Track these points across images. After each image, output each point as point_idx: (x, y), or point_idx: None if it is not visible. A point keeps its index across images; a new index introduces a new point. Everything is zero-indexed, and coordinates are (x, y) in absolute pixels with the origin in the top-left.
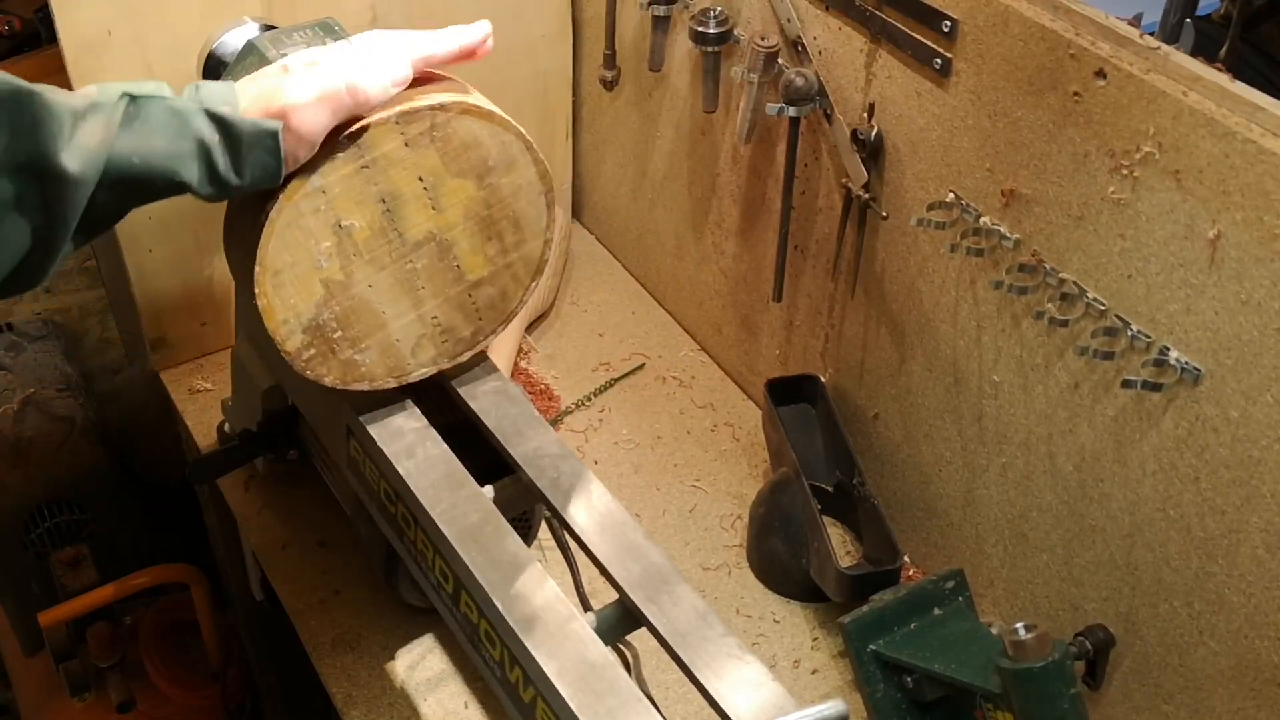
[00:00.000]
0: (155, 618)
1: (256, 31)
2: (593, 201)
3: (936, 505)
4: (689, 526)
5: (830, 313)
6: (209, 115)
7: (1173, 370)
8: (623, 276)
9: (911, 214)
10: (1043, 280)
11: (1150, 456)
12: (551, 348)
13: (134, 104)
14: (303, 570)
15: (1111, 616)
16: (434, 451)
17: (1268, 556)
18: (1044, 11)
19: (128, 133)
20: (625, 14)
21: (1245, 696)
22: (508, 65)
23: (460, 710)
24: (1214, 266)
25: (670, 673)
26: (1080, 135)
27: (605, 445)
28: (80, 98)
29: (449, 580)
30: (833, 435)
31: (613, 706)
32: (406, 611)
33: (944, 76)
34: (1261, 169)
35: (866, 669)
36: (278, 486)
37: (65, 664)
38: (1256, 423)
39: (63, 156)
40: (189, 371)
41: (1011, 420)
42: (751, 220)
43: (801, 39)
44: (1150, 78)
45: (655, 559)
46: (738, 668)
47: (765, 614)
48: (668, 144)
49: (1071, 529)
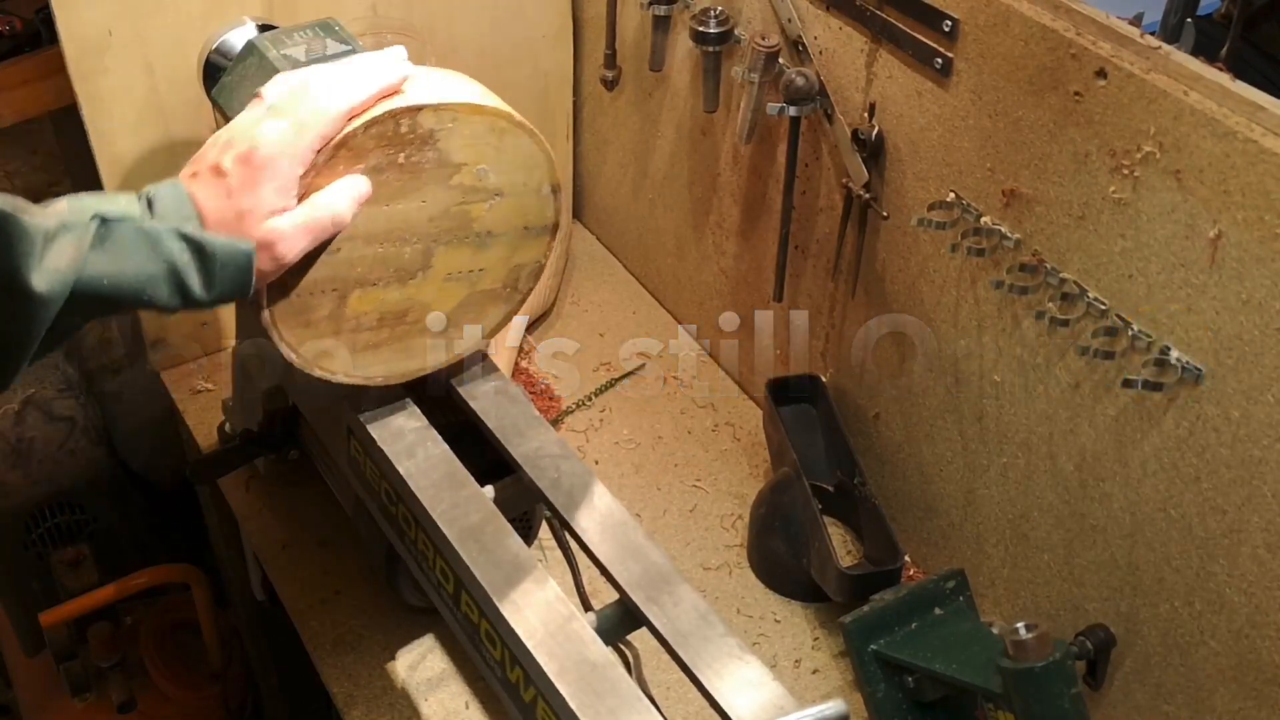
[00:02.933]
0: (156, 618)
1: (256, 31)
2: (594, 201)
3: (937, 505)
4: (690, 526)
5: (831, 312)
6: (181, 236)
7: (1173, 370)
8: (624, 276)
9: (912, 214)
10: (1043, 280)
11: (1151, 456)
12: (552, 348)
13: (104, 226)
14: (304, 570)
15: (1112, 616)
16: (435, 451)
17: (1269, 556)
18: (1045, 11)
19: (98, 255)
20: (626, 14)
21: (1246, 696)
22: (508, 65)
23: (461, 710)
24: (1215, 266)
25: (671, 673)
26: (1081, 135)
27: (606, 445)
28: (52, 217)
29: (450, 580)
30: (833, 435)
31: (613, 706)
32: (407, 611)
33: (945, 76)
34: (1262, 169)
35: (867, 669)
36: (279, 486)
37: (66, 664)
38: (1257, 422)
39: (32, 277)
40: (190, 371)
41: (1012, 420)
42: (752, 220)
43: (802, 39)
44: (1151, 77)
45: (656, 559)
46: (738, 668)
47: (766, 614)
48: (668, 144)
49: (1072, 529)
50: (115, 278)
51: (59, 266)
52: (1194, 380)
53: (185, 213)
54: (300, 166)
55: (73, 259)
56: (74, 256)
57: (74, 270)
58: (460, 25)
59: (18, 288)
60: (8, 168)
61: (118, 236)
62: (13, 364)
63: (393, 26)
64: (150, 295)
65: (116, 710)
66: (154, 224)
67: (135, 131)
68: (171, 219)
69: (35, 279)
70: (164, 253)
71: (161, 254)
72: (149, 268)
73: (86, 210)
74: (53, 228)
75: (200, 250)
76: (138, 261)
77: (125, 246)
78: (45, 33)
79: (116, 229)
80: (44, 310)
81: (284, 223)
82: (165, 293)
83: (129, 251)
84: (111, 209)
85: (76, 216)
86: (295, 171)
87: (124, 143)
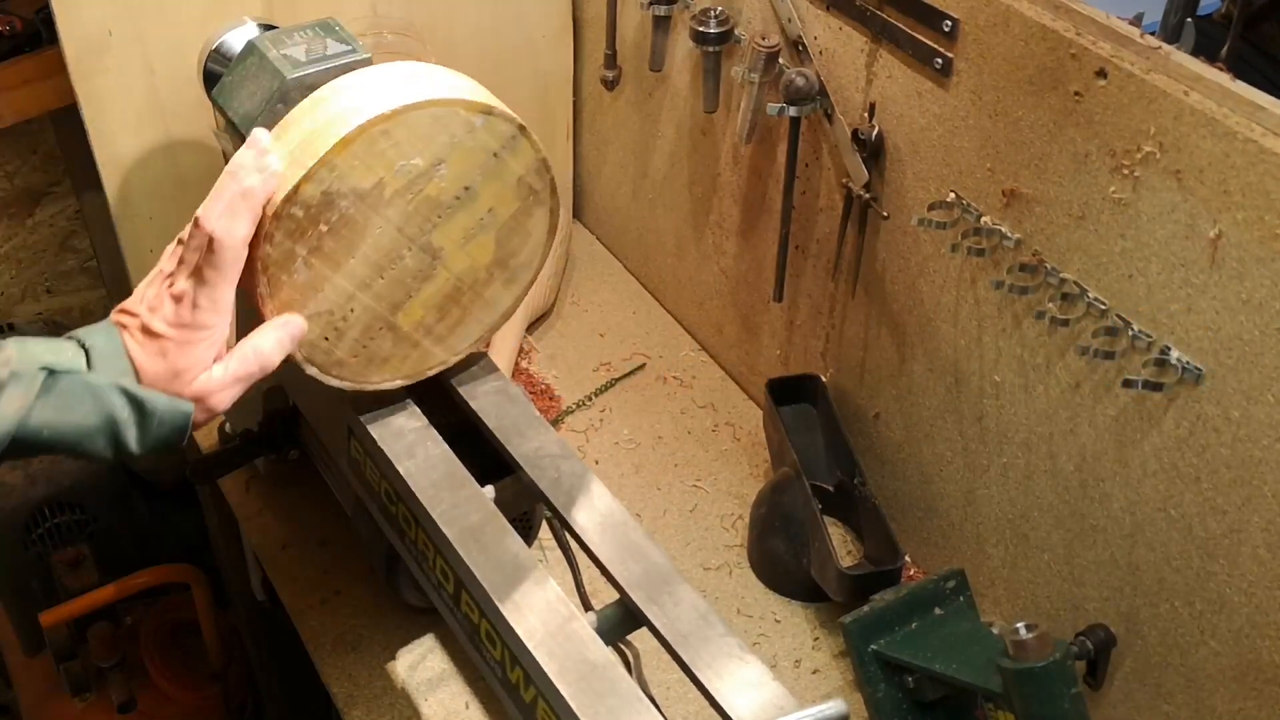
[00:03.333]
0: (156, 618)
1: (257, 31)
2: (593, 201)
3: (937, 505)
4: (690, 526)
5: (831, 312)
6: (122, 392)
7: (1174, 370)
8: (623, 276)
9: (912, 214)
10: (1044, 280)
11: (1151, 456)
12: (552, 348)
13: (51, 377)
14: (304, 570)
15: (1113, 616)
16: (435, 451)
17: (1269, 556)
18: (1045, 11)
19: (43, 405)
20: (626, 14)
21: (1247, 696)
22: (508, 65)
23: (461, 710)
24: (1215, 266)
25: (671, 673)
26: (1081, 135)
27: (606, 445)
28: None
29: (450, 580)
30: (833, 435)
31: (614, 706)
32: (407, 611)
33: (945, 76)
34: (1262, 169)
35: (867, 669)
36: (279, 486)
37: (66, 664)
38: (1257, 422)
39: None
40: None
41: (1012, 420)
42: (752, 220)
43: (802, 39)
44: (1151, 77)
45: (656, 559)
46: (738, 668)
47: (766, 614)
48: (668, 144)
49: (1072, 529)
50: (55, 428)
51: (6, 413)
52: (1194, 380)
53: (121, 366)
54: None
55: (19, 409)
56: (20, 406)
57: (16, 420)
58: (460, 25)
59: None
60: (8, 168)
61: (63, 388)
62: None
63: (392, 26)
64: (86, 446)
65: (117, 710)
66: (96, 378)
67: (135, 131)
68: (110, 372)
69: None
70: (105, 407)
71: (102, 408)
72: (90, 420)
73: (35, 360)
74: (2, 377)
75: (140, 407)
76: (80, 414)
77: (69, 399)
78: (45, 33)
79: (62, 381)
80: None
81: (216, 377)
82: (100, 444)
83: (72, 404)
84: (58, 360)
85: (25, 366)
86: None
87: (124, 143)
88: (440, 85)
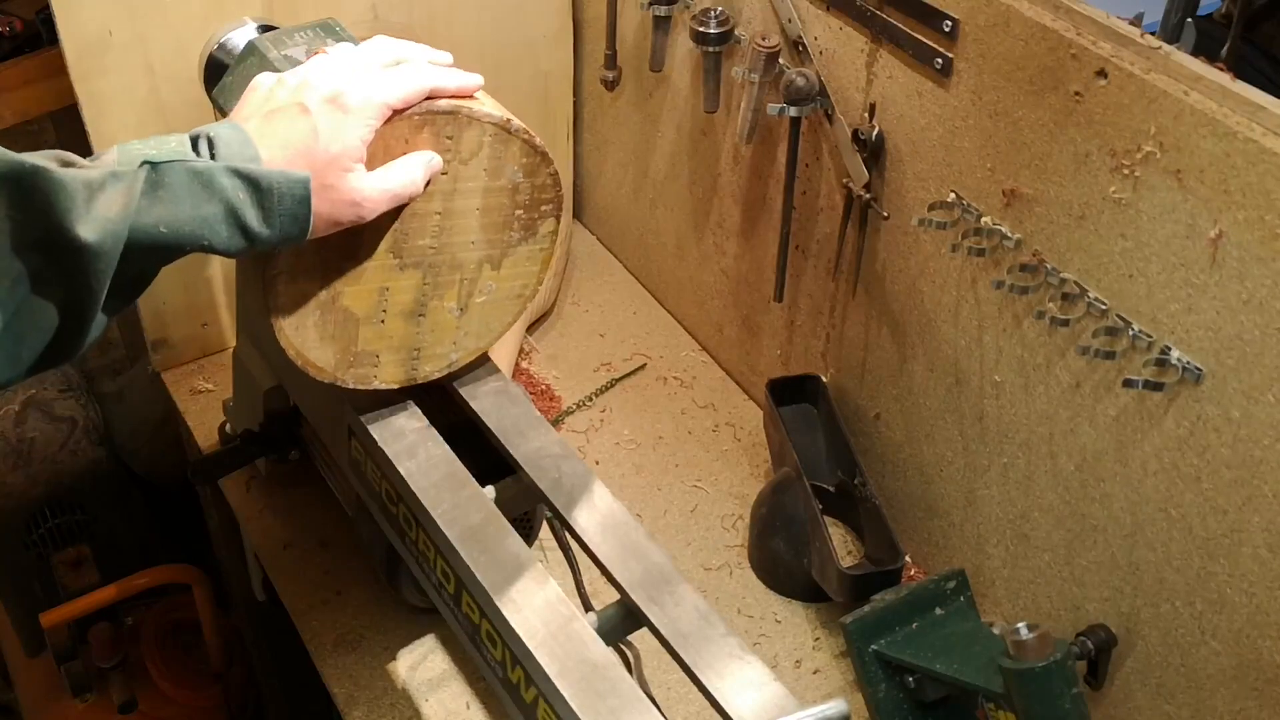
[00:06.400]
0: (157, 618)
1: (257, 32)
2: (594, 202)
3: (938, 505)
4: (690, 526)
5: (831, 313)
6: (233, 173)
7: (1174, 370)
8: (624, 277)
9: (913, 214)
10: (1044, 280)
11: (1152, 456)
12: (553, 348)
13: (155, 171)
14: (304, 570)
15: (1113, 616)
16: (435, 452)
17: (1270, 556)
18: (1045, 11)
19: (151, 201)
20: (626, 14)
21: (1247, 696)
22: (509, 66)
23: (462, 710)
24: (1215, 266)
25: (672, 673)
26: (1081, 135)
27: (607, 445)
28: (98, 167)
29: (450, 580)
30: (834, 435)
31: (614, 706)
32: (408, 612)
33: (945, 76)
34: (1263, 168)
35: (868, 669)
36: (279, 487)
37: (67, 664)
38: (1258, 422)
39: (79, 229)
40: (190, 372)
41: (1013, 420)
42: (753, 220)
43: (802, 39)
44: (1151, 77)
45: (657, 559)
46: (739, 668)
47: (767, 614)
48: (669, 144)
49: (1073, 529)
50: (172, 223)
51: (109, 215)
52: (1194, 380)
53: (249, 153)
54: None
55: (123, 207)
56: (124, 204)
57: (125, 219)
58: (460, 25)
59: (66, 241)
60: None
61: (169, 181)
62: (81, 322)
63: (393, 27)
64: (210, 238)
65: (117, 711)
66: (205, 163)
67: (136, 132)
68: (235, 159)
69: (83, 230)
70: (218, 191)
71: (215, 193)
72: (204, 209)
73: (135, 157)
74: (98, 178)
75: (255, 184)
76: (192, 204)
77: (178, 190)
78: (45, 33)
79: (167, 173)
80: (99, 261)
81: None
82: (225, 233)
83: (182, 195)
84: (160, 153)
85: (125, 164)
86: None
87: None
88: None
